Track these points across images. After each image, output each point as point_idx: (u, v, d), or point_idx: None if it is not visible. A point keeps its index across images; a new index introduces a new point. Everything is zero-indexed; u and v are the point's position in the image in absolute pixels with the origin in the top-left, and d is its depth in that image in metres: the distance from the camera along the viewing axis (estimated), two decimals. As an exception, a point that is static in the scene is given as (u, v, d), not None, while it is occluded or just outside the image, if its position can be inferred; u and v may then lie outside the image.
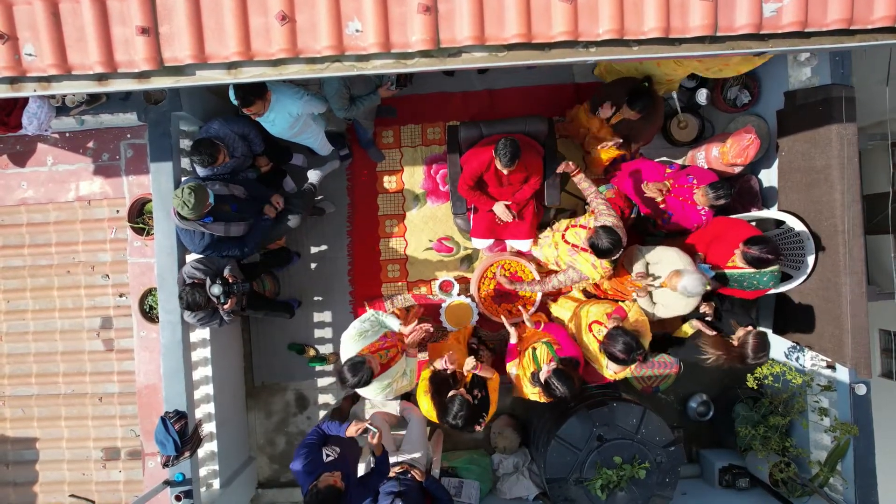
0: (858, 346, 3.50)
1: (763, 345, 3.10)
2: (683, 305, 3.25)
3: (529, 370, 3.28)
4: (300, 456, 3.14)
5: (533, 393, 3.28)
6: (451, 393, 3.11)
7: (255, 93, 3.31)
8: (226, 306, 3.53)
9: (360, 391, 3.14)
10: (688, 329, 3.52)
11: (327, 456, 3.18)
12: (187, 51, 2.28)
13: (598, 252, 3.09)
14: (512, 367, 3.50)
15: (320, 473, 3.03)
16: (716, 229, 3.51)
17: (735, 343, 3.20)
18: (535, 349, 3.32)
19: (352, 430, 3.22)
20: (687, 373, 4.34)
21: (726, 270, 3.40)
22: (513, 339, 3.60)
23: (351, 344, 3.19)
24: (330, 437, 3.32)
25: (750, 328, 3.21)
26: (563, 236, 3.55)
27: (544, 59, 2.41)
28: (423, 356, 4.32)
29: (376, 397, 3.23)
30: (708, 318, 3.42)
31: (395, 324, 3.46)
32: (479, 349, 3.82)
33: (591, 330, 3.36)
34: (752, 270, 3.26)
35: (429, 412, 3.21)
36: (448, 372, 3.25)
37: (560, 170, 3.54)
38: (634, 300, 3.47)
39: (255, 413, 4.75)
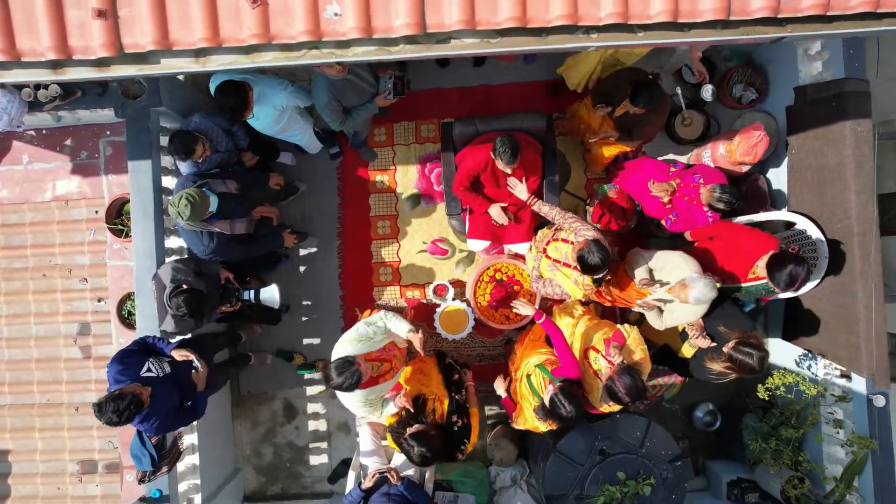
0: (876, 354, 3.32)
1: (751, 365, 2.89)
2: (693, 312, 3.06)
3: (532, 405, 2.97)
4: (115, 360, 2.97)
5: (545, 426, 2.94)
6: (412, 429, 2.84)
7: (235, 115, 3.31)
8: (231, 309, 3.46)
9: (342, 396, 2.93)
10: (688, 350, 3.34)
11: (147, 370, 2.97)
12: (149, 36, 2.09)
13: (587, 267, 2.84)
14: (517, 418, 3.16)
15: (129, 384, 2.83)
16: (734, 246, 3.28)
17: (727, 362, 2.98)
18: (529, 377, 3.06)
19: (177, 354, 3.14)
20: (692, 382, 4.16)
21: (744, 284, 3.23)
22: (501, 393, 3.29)
23: (347, 346, 2.93)
24: (162, 356, 3.16)
25: (734, 342, 2.98)
26: (544, 250, 3.36)
27: (541, 46, 2.22)
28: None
29: (357, 410, 3.01)
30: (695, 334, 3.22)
31: (403, 328, 3.11)
32: (460, 372, 3.44)
33: (587, 356, 3.13)
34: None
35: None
36: (404, 408, 2.96)
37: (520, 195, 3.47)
38: (639, 311, 3.28)
39: (242, 423, 4.58)
